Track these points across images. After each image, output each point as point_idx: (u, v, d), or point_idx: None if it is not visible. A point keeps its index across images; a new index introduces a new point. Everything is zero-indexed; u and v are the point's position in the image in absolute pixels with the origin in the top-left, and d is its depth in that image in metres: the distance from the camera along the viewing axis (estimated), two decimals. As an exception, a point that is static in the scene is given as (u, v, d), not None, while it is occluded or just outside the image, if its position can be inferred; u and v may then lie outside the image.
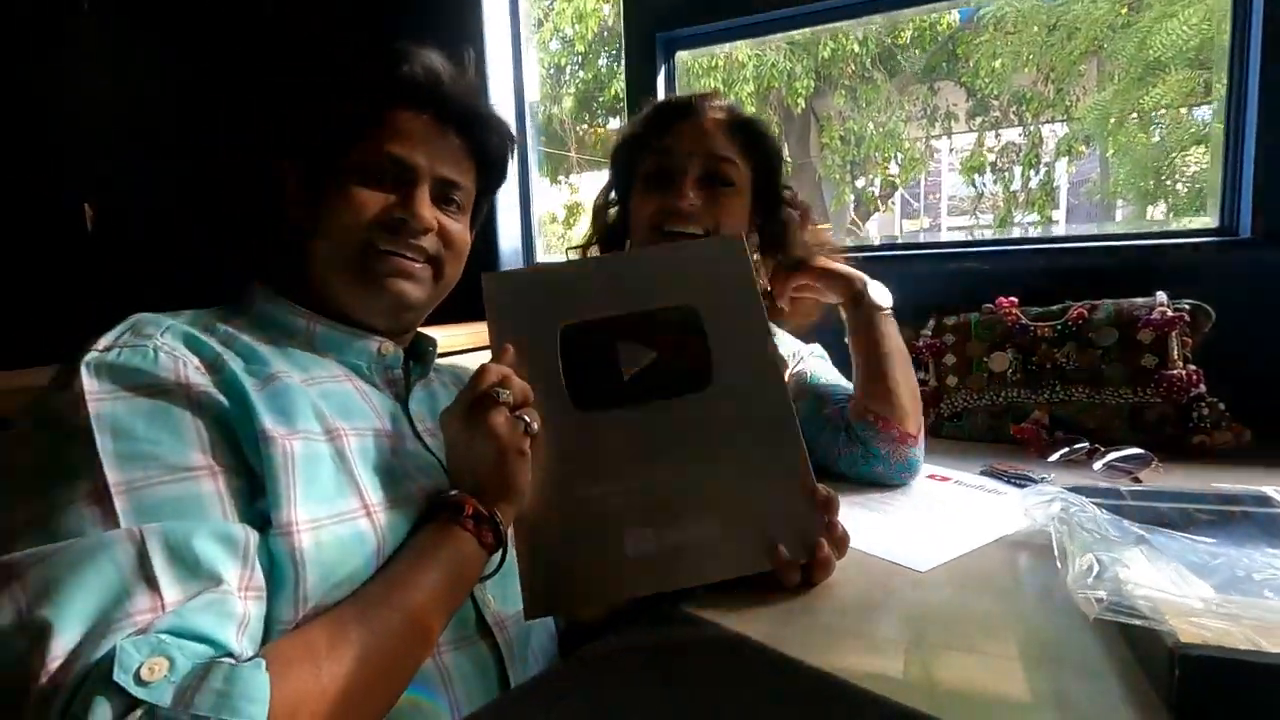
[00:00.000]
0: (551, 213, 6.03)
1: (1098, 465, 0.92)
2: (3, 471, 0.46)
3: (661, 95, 1.54)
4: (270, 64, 1.80)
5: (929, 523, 0.76)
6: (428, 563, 0.51)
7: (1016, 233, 5.29)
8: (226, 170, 1.88)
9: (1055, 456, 0.97)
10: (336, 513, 0.50)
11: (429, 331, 0.75)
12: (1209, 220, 1.23)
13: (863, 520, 0.76)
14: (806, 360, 0.99)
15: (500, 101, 1.63)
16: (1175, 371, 1.01)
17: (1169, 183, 4.50)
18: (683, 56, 1.59)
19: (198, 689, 0.37)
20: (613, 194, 1.03)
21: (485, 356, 0.62)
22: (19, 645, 0.37)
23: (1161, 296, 1.06)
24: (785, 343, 1.02)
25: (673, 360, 0.64)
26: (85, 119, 2.26)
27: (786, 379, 0.79)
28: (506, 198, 1.74)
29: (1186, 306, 1.05)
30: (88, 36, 2.20)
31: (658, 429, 0.62)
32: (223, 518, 0.45)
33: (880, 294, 0.93)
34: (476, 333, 1.16)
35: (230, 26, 1.97)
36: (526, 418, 0.56)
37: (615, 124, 5.75)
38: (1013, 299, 1.15)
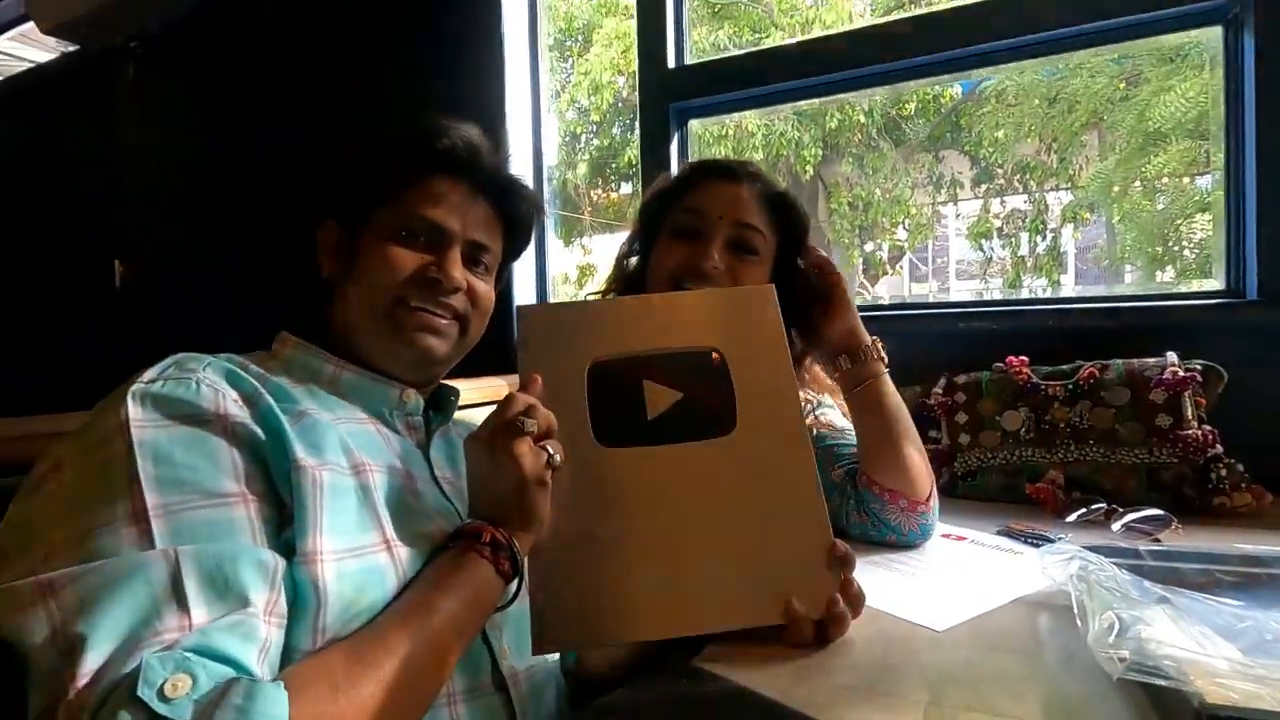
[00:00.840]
0: (565, 273, 6.15)
1: (1116, 526, 0.90)
2: (45, 493, 0.47)
3: (674, 161, 1.60)
4: (319, 128, 1.90)
5: (946, 582, 0.75)
6: (445, 587, 0.51)
7: (1025, 295, 5.32)
8: (263, 224, 1.96)
9: (1073, 517, 0.95)
10: (359, 546, 0.51)
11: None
12: (1216, 283, 1.25)
13: (878, 578, 0.75)
14: (816, 413, 0.99)
15: (520, 166, 1.70)
16: (1190, 431, 1.01)
17: (1176, 248, 4.53)
18: (694, 125, 1.66)
19: (218, 704, 0.37)
20: (636, 244, 1.05)
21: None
22: (52, 660, 0.38)
23: (1172, 356, 1.07)
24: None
25: (698, 404, 0.65)
26: (123, 180, 2.36)
27: None
28: (523, 258, 1.78)
29: (1198, 367, 1.05)
30: (131, 102, 2.31)
31: (678, 471, 0.62)
32: (254, 543, 0.46)
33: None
34: (488, 387, 1.18)
35: (270, 91, 2.06)
36: (550, 448, 0.57)
37: (627, 189, 5.91)
38: (1023, 358, 1.16)
